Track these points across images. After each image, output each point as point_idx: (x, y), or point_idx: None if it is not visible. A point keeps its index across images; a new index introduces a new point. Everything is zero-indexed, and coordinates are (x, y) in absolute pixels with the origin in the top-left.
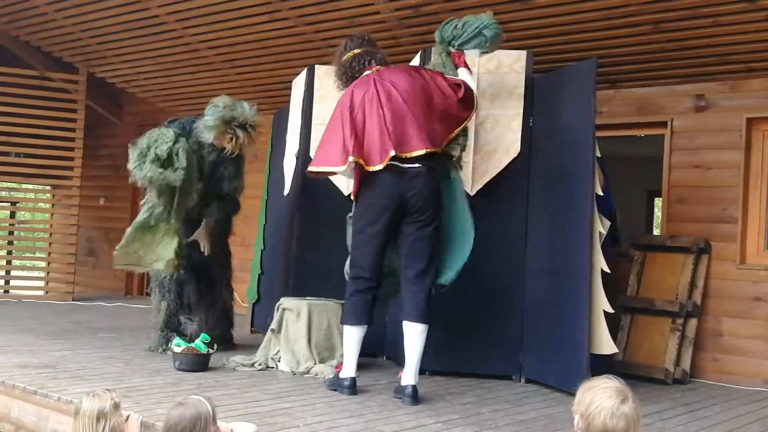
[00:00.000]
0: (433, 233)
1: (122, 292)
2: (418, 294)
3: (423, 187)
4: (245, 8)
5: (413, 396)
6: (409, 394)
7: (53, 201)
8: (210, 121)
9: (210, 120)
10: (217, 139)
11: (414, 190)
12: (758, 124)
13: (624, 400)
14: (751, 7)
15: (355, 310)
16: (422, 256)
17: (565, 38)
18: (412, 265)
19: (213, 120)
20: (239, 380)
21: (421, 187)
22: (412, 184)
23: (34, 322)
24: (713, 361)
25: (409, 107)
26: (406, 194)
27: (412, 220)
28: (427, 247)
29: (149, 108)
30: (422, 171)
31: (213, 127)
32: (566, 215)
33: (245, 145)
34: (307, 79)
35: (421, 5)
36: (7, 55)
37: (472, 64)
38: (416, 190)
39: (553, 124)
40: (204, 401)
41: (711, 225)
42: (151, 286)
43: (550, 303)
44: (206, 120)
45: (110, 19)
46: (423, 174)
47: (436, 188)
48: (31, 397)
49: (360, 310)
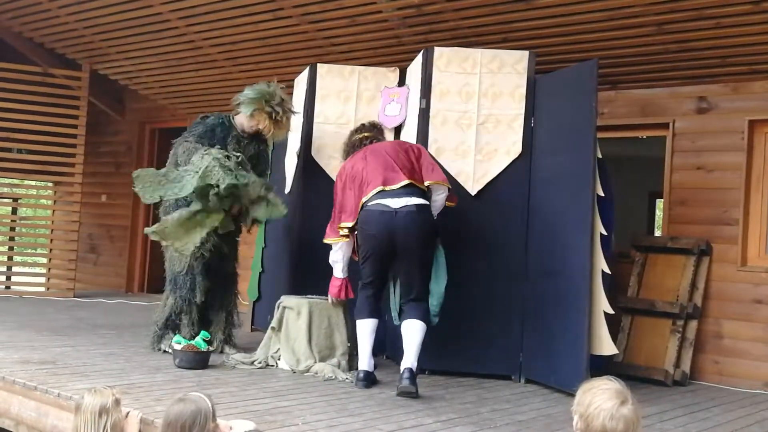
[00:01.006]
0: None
1: (123, 289)
2: (417, 308)
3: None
4: (248, 6)
5: (410, 378)
6: (406, 377)
7: (55, 197)
8: (251, 93)
9: (251, 92)
10: (255, 116)
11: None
12: (760, 126)
13: (624, 401)
14: (754, 9)
15: (367, 307)
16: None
17: (568, 39)
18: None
19: (254, 92)
20: (239, 378)
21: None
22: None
23: (35, 319)
24: (713, 363)
25: (392, 158)
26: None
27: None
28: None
29: (152, 105)
30: (412, 210)
31: (253, 100)
32: (567, 216)
33: (283, 124)
34: (309, 77)
35: (423, 4)
36: (10, 52)
37: (475, 63)
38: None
39: (555, 125)
40: (204, 398)
41: (712, 227)
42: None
43: (551, 303)
44: (247, 93)
45: (114, 16)
46: (413, 213)
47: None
48: (31, 393)
49: (370, 308)
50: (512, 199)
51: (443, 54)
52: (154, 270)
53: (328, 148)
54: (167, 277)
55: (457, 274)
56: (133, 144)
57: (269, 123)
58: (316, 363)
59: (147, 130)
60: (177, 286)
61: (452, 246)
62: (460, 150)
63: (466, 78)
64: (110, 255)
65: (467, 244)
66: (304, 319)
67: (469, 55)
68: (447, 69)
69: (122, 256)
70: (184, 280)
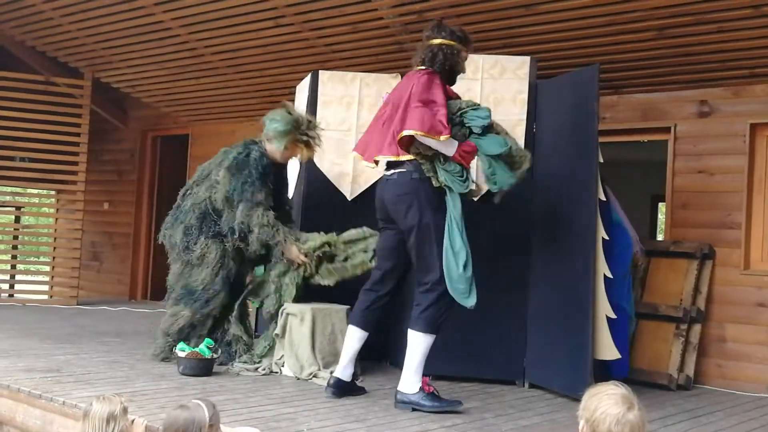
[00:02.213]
0: (418, 245)
1: (126, 297)
2: (416, 306)
3: (390, 195)
4: (250, 14)
5: (395, 399)
6: (396, 399)
7: (57, 205)
8: (280, 127)
9: (279, 126)
10: (290, 149)
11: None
12: (762, 129)
13: (630, 407)
14: (755, 13)
15: (355, 309)
16: (417, 268)
17: (569, 44)
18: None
19: (281, 125)
20: (243, 385)
21: (388, 194)
22: (383, 191)
23: (38, 327)
24: (717, 367)
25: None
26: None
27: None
28: (416, 260)
29: (154, 113)
30: (391, 178)
31: (285, 133)
32: (569, 220)
33: (316, 145)
34: (311, 84)
35: (424, 11)
36: (12, 60)
37: (477, 69)
38: (385, 197)
39: (557, 130)
40: (203, 406)
41: (715, 230)
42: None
43: (554, 308)
44: (276, 127)
45: (116, 24)
46: (391, 181)
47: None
48: (35, 401)
49: (356, 310)
50: (514, 203)
51: None
52: (157, 277)
53: (331, 155)
54: (176, 288)
55: None
56: (136, 152)
57: (305, 151)
58: (320, 370)
59: (149, 137)
60: (194, 299)
61: None
62: None
63: (468, 84)
64: (113, 262)
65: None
66: (307, 325)
67: (470, 61)
68: None
69: (125, 263)
70: (202, 294)
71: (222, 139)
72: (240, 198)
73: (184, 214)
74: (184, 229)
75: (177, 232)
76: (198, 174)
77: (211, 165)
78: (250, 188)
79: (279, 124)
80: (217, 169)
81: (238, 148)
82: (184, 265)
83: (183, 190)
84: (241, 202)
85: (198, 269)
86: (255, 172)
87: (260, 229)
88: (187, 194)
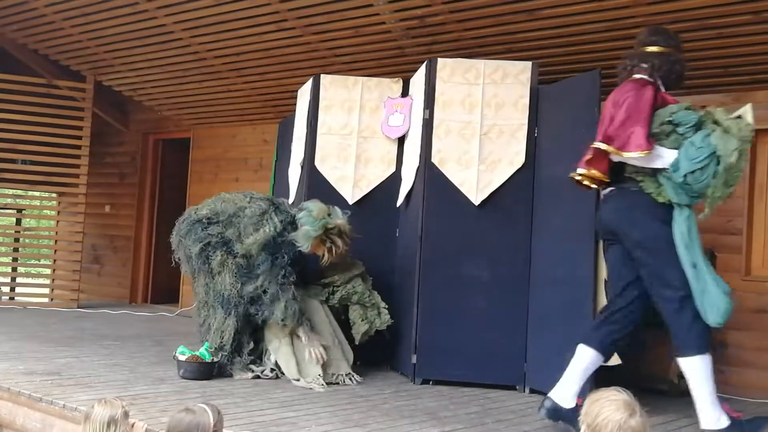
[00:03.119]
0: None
1: (127, 300)
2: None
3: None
4: (252, 17)
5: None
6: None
7: (59, 208)
8: (312, 232)
9: (312, 231)
10: (315, 247)
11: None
12: (763, 135)
13: (632, 413)
14: (755, 19)
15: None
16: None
17: (571, 49)
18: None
19: (314, 231)
20: (244, 389)
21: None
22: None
23: (39, 329)
24: (718, 372)
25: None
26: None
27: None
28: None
29: (156, 116)
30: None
31: (314, 238)
32: (570, 225)
33: (342, 253)
34: (313, 88)
35: (426, 15)
36: (14, 63)
37: (479, 74)
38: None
39: (558, 135)
40: (208, 411)
41: (716, 236)
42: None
43: (555, 313)
44: (307, 231)
45: (118, 28)
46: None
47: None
48: (36, 404)
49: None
50: (516, 208)
51: (446, 64)
52: (158, 281)
53: (332, 159)
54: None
55: (460, 284)
56: (137, 155)
57: (331, 254)
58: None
59: (151, 141)
60: (231, 304)
61: (455, 256)
62: (463, 160)
63: (469, 88)
64: (114, 265)
65: (471, 254)
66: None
67: (472, 66)
68: (450, 79)
69: (126, 266)
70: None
71: (223, 142)
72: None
73: (206, 234)
74: (202, 246)
75: (196, 245)
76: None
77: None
78: (279, 271)
79: (310, 228)
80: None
81: (274, 220)
82: (206, 275)
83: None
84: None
85: (220, 276)
86: (288, 258)
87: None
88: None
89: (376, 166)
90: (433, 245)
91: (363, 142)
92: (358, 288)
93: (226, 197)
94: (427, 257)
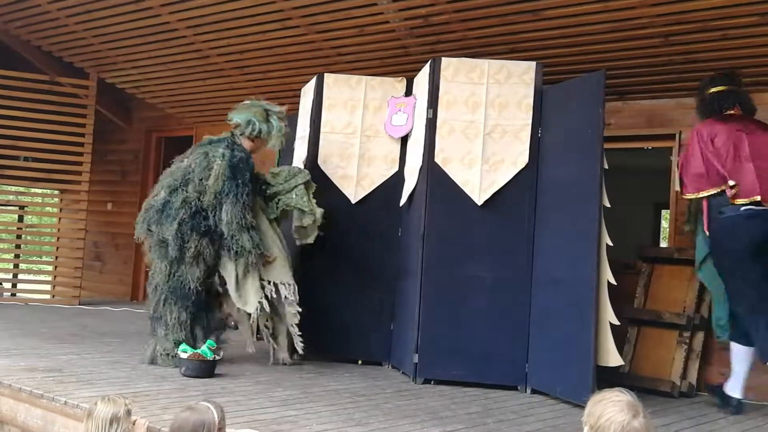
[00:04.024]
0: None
1: (128, 297)
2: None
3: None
4: (256, 16)
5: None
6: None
7: (61, 205)
8: (276, 127)
9: (277, 124)
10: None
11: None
12: None
13: (636, 414)
14: (761, 21)
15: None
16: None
17: (575, 50)
18: None
19: (278, 125)
20: (245, 387)
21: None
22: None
23: (40, 326)
24: (720, 374)
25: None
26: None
27: None
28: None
29: (158, 114)
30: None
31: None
32: (573, 226)
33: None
34: (317, 87)
35: (430, 15)
36: (18, 60)
37: (483, 73)
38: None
39: (562, 136)
40: (212, 409)
41: None
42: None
43: (557, 314)
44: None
45: (122, 25)
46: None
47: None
48: (37, 401)
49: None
50: (518, 209)
51: (450, 64)
52: None
53: (335, 158)
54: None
55: (463, 284)
56: (140, 152)
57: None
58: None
59: (153, 138)
60: (187, 299)
61: (458, 256)
62: (466, 160)
63: (473, 88)
64: (115, 263)
65: (473, 254)
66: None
67: (476, 66)
68: (454, 79)
69: (127, 264)
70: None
71: None
72: (234, 200)
73: (176, 210)
74: (177, 226)
75: (168, 228)
76: (182, 172)
77: (192, 164)
78: (243, 189)
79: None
80: (201, 168)
81: (222, 147)
82: (172, 263)
83: (167, 185)
84: (232, 203)
85: (192, 267)
86: (246, 162)
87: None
88: (177, 190)
89: (379, 166)
90: (435, 245)
91: (366, 142)
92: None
93: (167, 171)
94: (429, 257)
